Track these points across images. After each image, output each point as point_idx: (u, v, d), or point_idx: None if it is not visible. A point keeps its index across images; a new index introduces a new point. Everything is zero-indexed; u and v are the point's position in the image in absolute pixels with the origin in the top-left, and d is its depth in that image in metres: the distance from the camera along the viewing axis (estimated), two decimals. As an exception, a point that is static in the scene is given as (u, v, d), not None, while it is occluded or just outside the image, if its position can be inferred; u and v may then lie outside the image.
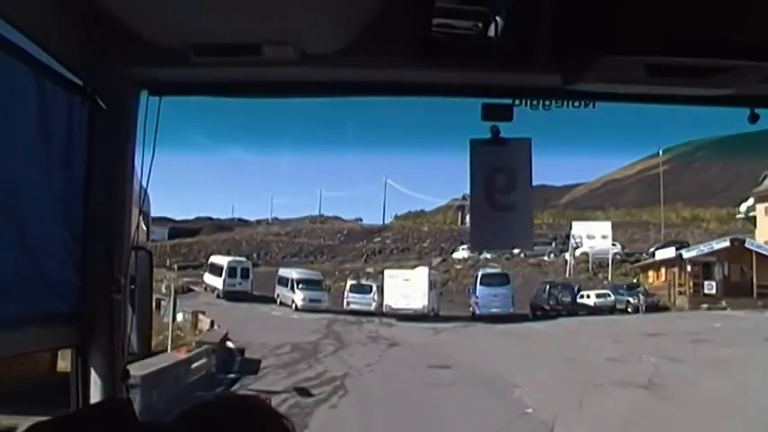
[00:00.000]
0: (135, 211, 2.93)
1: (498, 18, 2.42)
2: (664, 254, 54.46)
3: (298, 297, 49.83)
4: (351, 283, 51.96)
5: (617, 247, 60.39)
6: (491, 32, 2.44)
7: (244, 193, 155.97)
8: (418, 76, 2.76)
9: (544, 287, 50.30)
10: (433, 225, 79.15)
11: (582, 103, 2.84)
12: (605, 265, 57.74)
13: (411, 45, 2.49)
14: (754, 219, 62.23)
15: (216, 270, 54.98)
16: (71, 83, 2.59)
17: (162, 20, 2.43)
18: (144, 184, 2.91)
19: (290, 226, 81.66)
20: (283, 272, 54.41)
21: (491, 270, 52.70)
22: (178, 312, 30.04)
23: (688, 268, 50.13)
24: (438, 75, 2.73)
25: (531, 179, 2.97)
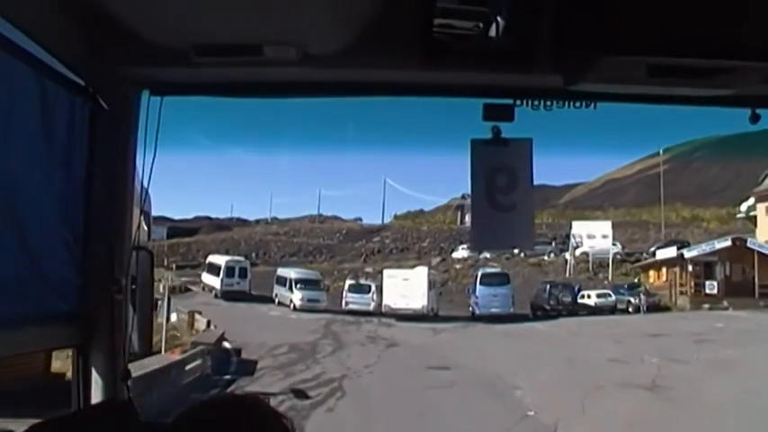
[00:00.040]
0: (136, 211, 2.93)
1: (499, 18, 2.42)
2: (665, 253, 54.26)
3: (296, 297, 49.68)
4: (349, 283, 51.73)
5: (617, 247, 60.21)
6: (492, 33, 2.44)
7: (243, 192, 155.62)
8: (419, 76, 2.76)
9: (544, 287, 50.13)
10: (432, 225, 79.08)
11: (583, 104, 2.85)
12: (605, 264, 57.63)
13: (412, 45, 2.50)
14: (754, 218, 62.18)
15: (214, 270, 54.76)
16: (72, 83, 2.60)
17: (163, 20, 2.44)
18: (145, 183, 2.92)
19: (288, 225, 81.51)
20: (282, 271, 54.29)
21: (491, 270, 52.47)
22: (173, 312, 29.97)
23: (689, 268, 49.97)
24: (439, 75, 2.74)
25: (533, 180, 2.98)
